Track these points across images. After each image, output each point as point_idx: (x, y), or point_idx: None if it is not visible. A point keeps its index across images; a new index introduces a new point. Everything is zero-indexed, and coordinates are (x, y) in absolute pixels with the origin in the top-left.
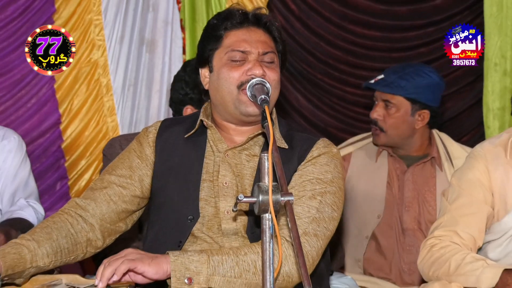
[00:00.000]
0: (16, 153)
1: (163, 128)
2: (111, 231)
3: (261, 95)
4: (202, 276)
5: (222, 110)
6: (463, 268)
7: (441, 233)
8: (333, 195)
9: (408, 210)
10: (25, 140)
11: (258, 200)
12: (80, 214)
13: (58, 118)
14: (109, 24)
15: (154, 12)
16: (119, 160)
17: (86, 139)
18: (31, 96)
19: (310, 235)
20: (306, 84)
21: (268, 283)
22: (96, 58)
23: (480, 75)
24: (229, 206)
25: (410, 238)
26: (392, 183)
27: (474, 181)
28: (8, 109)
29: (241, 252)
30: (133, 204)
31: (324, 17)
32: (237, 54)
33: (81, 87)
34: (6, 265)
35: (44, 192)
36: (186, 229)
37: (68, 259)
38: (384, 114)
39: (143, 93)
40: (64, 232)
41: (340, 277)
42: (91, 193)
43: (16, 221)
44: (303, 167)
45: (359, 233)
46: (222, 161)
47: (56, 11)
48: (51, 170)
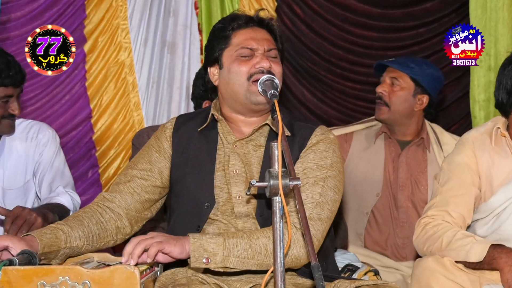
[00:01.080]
0: (50, 145)
1: (178, 124)
2: (138, 218)
3: (270, 90)
4: (219, 256)
5: (232, 102)
6: (454, 244)
7: (433, 213)
8: (333, 179)
9: (402, 189)
10: (60, 133)
11: (269, 184)
12: (107, 205)
13: (89, 113)
14: (134, 28)
15: (174, 17)
16: (140, 156)
17: (115, 131)
18: (65, 93)
19: (315, 220)
20: (311, 80)
21: (279, 259)
22: (123, 58)
23: (467, 70)
24: (240, 192)
25: (403, 215)
26: (388, 165)
27: (463, 165)
28: (44, 105)
29: (254, 236)
30: (155, 193)
31: (327, 20)
32: (246, 51)
33: (109, 84)
34: (43, 243)
35: (77, 179)
36: (204, 215)
37: (99, 243)
38: (389, 91)
39: (165, 90)
40: (95, 220)
41: (343, 253)
42: (116, 187)
43: (54, 205)
44: (304, 155)
45: (359, 210)
46: (232, 151)
47: (87, 17)
48: (83, 159)
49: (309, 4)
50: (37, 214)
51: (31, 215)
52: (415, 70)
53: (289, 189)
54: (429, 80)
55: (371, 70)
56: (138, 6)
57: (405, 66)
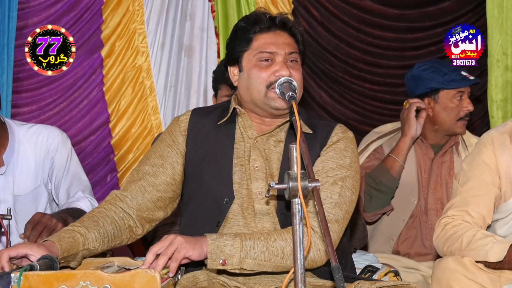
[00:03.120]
0: (61, 150)
1: (194, 117)
2: (149, 219)
3: (288, 92)
4: (235, 258)
5: (251, 105)
6: (474, 244)
7: (453, 213)
8: (352, 179)
9: (433, 192)
10: (78, 138)
11: (288, 186)
12: (119, 205)
13: (107, 118)
14: (151, 33)
15: (191, 20)
16: (152, 150)
17: (133, 135)
18: (82, 98)
19: (332, 222)
20: (329, 82)
21: (299, 261)
22: (140, 63)
23: (484, 70)
24: (260, 188)
25: (432, 218)
26: (421, 169)
27: (483, 165)
28: (62, 110)
29: (271, 238)
30: (167, 191)
31: (343, 21)
32: (265, 55)
33: (127, 89)
34: (62, 248)
35: (96, 184)
36: (223, 210)
37: (114, 243)
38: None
39: (183, 94)
40: (109, 219)
41: (363, 255)
42: (127, 185)
43: (74, 210)
44: (324, 152)
45: (396, 216)
46: (253, 146)
47: (104, 22)
48: (102, 164)
49: (325, 5)
50: (57, 220)
51: (51, 221)
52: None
53: (308, 190)
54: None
55: (388, 71)
56: (155, 10)
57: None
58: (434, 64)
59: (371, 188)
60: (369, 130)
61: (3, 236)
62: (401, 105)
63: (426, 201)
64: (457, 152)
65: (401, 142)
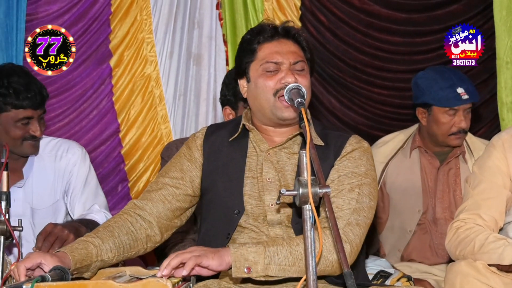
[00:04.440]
0: (80, 164)
1: (209, 133)
2: (168, 226)
3: (297, 98)
4: (260, 265)
5: (260, 116)
6: (486, 247)
7: (465, 216)
8: (368, 186)
9: (440, 201)
10: (88, 148)
11: (298, 193)
12: (138, 213)
13: (117, 127)
14: (159, 42)
15: (199, 29)
16: (171, 164)
17: (143, 144)
18: (92, 108)
19: (353, 225)
20: (337, 87)
21: (311, 268)
22: (149, 72)
23: (494, 72)
24: (273, 199)
25: (441, 227)
26: (426, 178)
27: (493, 168)
28: (72, 121)
29: (293, 243)
30: (186, 202)
31: (351, 26)
32: (271, 65)
33: (136, 98)
34: (75, 259)
35: (107, 194)
36: (234, 221)
37: (130, 253)
38: (467, 121)
39: (192, 102)
40: (125, 229)
41: (375, 260)
42: (147, 194)
43: (88, 221)
44: (339, 162)
45: (402, 227)
46: (265, 159)
47: (112, 32)
48: (112, 173)
49: (333, 11)
50: (69, 231)
51: (63, 232)
52: (478, 93)
53: (319, 197)
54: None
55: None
56: (163, 19)
57: (476, 95)
58: (436, 74)
59: None
60: (378, 134)
61: (15, 248)
62: (410, 109)
63: (434, 210)
64: (464, 160)
65: None
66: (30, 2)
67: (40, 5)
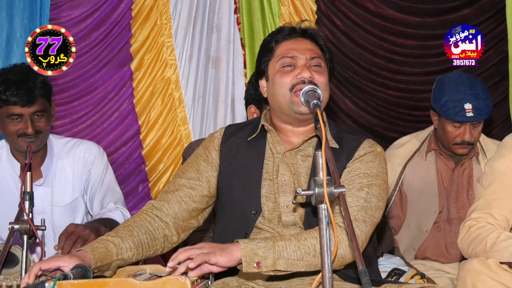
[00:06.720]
0: (98, 163)
1: (227, 134)
2: (184, 227)
3: (313, 100)
4: (269, 260)
5: (279, 112)
6: (498, 245)
7: (477, 215)
8: (378, 187)
9: (455, 201)
10: (110, 150)
11: (314, 192)
12: (156, 214)
13: (138, 129)
14: (179, 45)
15: (217, 33)
16: (188, 164)
17: (163, 146)
18: (113, 111)
19: (359, 221)
20: (353, 90)
21: (327, 265)
22: (169, 75)
23: (506, 74)
24: (288, 201)
25: (456, 227)
26: (441, 179)
27: (505, 168)
28: (94, 123)
29: (301, 238)
30: (202, 202)
31: (366, 30)
32: (287, 60)
33: (156, 101)
34: (95, 258)
35: (128, 194)
36: (251, 222)
37: (148, 252)
38: (474, 134)
39: (211, 104)
40: (144, 229)
41: (389, 258)
42: (164, 195)
43: (106, 220)
44: (351, 164)
45: (418, 227)
46: (281, 161)
47: (133, 36)
48: (133, 174)
49: (348, 15)
50: (90, 230)
51: (85, 231)
52: (488, 110)
53: (334, 196)
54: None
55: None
56: (182, 23)
57: (484, 113)
58: (452, 84)
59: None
60: (393, 136)
61: (38, 247)
62: (424, 111)
63: (449, 210)
64: (477, 160)
65: None
66: (53, 7)
67: (63, 10)
